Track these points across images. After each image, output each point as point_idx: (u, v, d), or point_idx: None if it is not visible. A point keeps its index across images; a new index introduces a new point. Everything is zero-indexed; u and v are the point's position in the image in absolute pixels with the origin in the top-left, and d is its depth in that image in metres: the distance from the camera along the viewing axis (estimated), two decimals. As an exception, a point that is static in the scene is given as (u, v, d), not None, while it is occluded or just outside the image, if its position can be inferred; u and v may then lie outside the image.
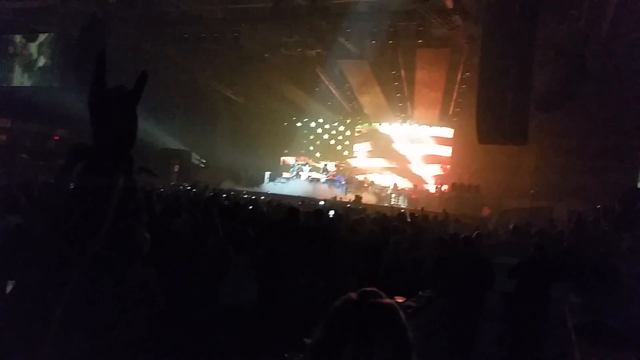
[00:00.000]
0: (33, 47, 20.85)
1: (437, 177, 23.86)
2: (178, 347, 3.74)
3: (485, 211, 17.72)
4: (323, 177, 24.57)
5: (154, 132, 21.47)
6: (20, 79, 20.90)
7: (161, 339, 3.58)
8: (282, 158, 27.50)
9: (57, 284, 1.00)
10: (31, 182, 9.97)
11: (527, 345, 5.91)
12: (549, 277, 6.15)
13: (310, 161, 26.28)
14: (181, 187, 17.38)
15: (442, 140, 24.29)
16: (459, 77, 19.62)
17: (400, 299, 4.78)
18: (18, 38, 20.96)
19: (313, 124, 27.46)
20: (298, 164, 25.61)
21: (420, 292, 5.55)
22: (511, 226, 9.62)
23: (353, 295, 1.21)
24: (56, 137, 21.18)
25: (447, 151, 24.16)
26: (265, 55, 20.20)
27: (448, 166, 23.95)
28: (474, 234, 6.93)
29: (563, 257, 7.09)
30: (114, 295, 2.80)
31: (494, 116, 13.82)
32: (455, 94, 21.08)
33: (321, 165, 25.65)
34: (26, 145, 19.37)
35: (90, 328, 2.29)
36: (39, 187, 8.84)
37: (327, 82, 22.19)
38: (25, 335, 0.96)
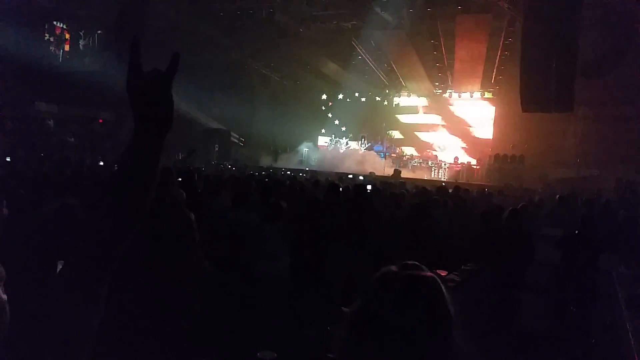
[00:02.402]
0: (75, 33, 21.42)
1: (479, 148, 23.31)
2: (222, 312, 3.86)
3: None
4: (362, 149, 24.44)
5: (194, 112, 21.84)
6: (64, 64, 21.56)
7: (207, 305, 3.70)
8: (320, 132, 27.52)
9: (104, 262, 1.04)
10: (80, 164, 10.35)
11: (574, 317, 5.79)
12: (597, 248, 5.97)
13: (349, 135, 26.18)
14: (221, 166, 17.69)
15: (484, 110, 23.67)
16: (500, 43, 18.92)
17: (442, 273, 4.76)
18: (60, 24, 21.54)
19: (350, 98, 27.23)
20: (336, 137, 25.54)
21: (463, 266, 5.50)
22: (557, 197, 9.32)
23: (394, 267, 1.21)
24: (100, 120, 21.85)
25: (489, 121, 23.53)
26: (300, 29, 20.01)
27: (490, 137, 23.36)
28: (519, 206, 6.76)
29: (611, 227, 6.86)
30: (159, 273, 2.89)
31: (538, 84, 13.35)
32: (497, 62, 20.38)
33: (359, 137, 25.51)
34: (72, 128, 20.05)
35: (137, 303, 2.38)
36: (87, 168, 9.18)
37: (363, 55, 21.83)
38: (74, 310, 1.00)
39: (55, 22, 21.42)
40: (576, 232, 6.33)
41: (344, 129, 26.75)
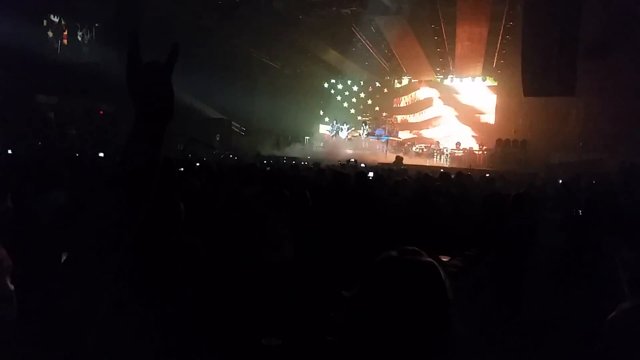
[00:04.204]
0: (73, 25, 21.32)
1: (481, 133, 23.25)
2: (224, 299, 3.88)
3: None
4: (363, 135, 24.38)
5: (194, 102, 21.78)
6: (63, 56, 21.49)
7: (209, 294, 3.73)
8: (320, 119, 27.47)
9: (108, 252, 1.05)
10: (81, 156, 10.37)
11: (577, 301, 5.81)
12: (600, 232, 5.97)
13: (350, 122, 26.12)
14: (222, 156, 17.69)
15: (485, 95, 23.56)
16: (502, 27, 18.77)
17: (445, 258, 4.78)
18: (59, 16, 21.43)
19: (351, 85, 27.14)
20: (337, 124, 25.50)
21: (466, 252, 5.51)
22: (560, 181, 9.31)
23: (393, 252, 1.22)
24: (101, 112, 21.82)
25: (491, 106, 23.44)
26: (300, 17, 19.89)
27: (493, 122, 23.28)
28: (522, 191, 6.76)
29: (614, 210, 6.85)
30: (158, 265, 2.91)
31: (540, 67, 13.28)
32: (498, 46, 20.25)
33: (361, 123, 25.46)
34: (73, 120, 20.04)
35: (138, 298, 2.40)
36: (88, 161, 9.19)
37: (363, 41, 21.70)
38: (78, 305, 1.01)
39: (53, 14, 21.32)
40: (579, 212, 6.33)
41: (345, 116, 26.69)
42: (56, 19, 21.30)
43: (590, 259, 5.89)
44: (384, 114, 25.72)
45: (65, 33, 21.54)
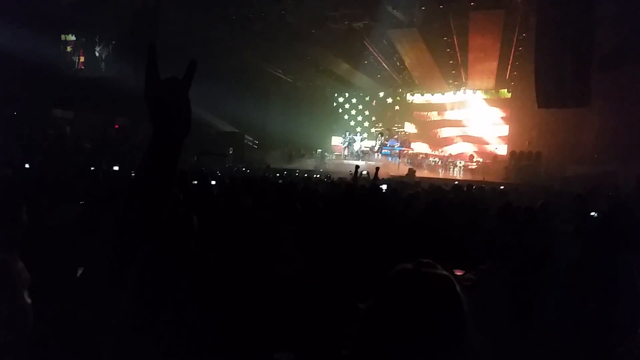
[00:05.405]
0: (90, 39, 21.72)
1: (494, 146, 23.11)
2: (236, 313, 3.88)
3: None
4: (377, 146, 24.34)
5: (208, 116, 21.99)
6: (80, 71, 21.88)
7: (223, 306, 3.73)
8: (333, 132, 27.52)
9: (123, 266, 1.06)
10: (95, 170, 10.49)
11: (594, 315, 5.70)
12: (617, 245, 5.87)
13: (363, 134, 26.13)
14: (235, 169, 17.79)
15: (499, 107, 23.45)
16: (515, 39, 18.71)
17: (459, 272, 4.73)
18: (75, 31, 21.86)
19: (363, 97, 27.21)
20: (350, 135, 25.51)
21: (480, 265, 5.45)
22: (576, 194, 9.19)
23: (409, 265, 1.22)
24: (116, 126, 22.11)
25: (504, 118, 23.31)
26: (312, 31, 20.04)
27: (506, 134, 23.14)
28: (539, 204, 6.69)
29: (631, 223, 6.74)
30: (168, 278, 2.92)
31: (554, 79, 13.20)
32: (511, 58, 20.17)
33: (375, 135, 25.44)
34: (89, 134, 20.33)
35: (151, 311, 2.41)
36: (103, 174, 9.30)
37: (375, 54, 21.78)
38: (91, 317, 1.02)
39: (71, 30, 21.75)
40: (595, 225, 6.24)
41: (358, 128, 26.74)
42: (73, 38, 21.72)
43: (607, 273, 5.79)
44: (397, 125, 25.72)
45: (83, 48, 21.95)
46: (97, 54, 21.97)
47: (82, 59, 21.97)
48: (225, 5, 18.36)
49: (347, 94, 27.31)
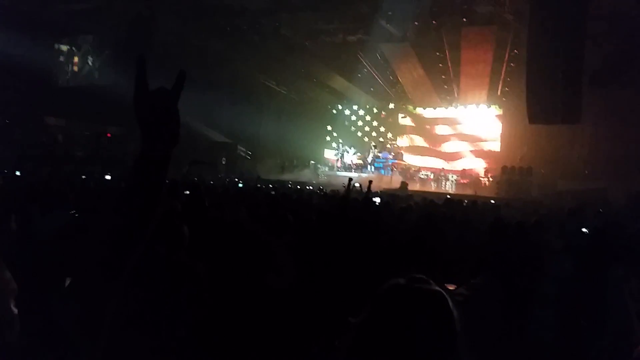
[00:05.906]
0: (84, 48, 21.71)
1: (486, 160, 23.25)
2: (226, 324, 3.84)
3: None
4: (370, 158, 24.39)
5: (201, 126, 21.98)
6: (73, 79, 21.82)
7: (210, 319, 3.68)
8: (327, 144, 27.60)
9: (111, 275, 1.05)
10: (87, 178, 10.41)
11: (584, 331, 5.70)
12: (607, 261, 5.89)
13: (356, 147, 26.22)
14: (227, 180, 17.75)
15: (490, 122, 23.64)
16: (506, 55, 18.92)
17: (451, 287, 4.72)
18: (69, 40, 21.84)
19: (356, 111, 27.34)
20: (343, 148, 25.57)
21: (472, 280, 5.44)
22: (567, 209, 9.25)
23: (402, 280, 1.21)
24: (109, 135, 22.03)
25: (496, 133, 23.50)
26: (306, 43, 20.16)
27: (498, 149, 23.31)
28: (533, 220, 6.72)
29: (621, 239, 6.77)
30: (160, 288, 2.89)
31: (545, 95, 13.32)
32: (503, 74, 20.39)
33: (368, 147, 25.54)
34: (81, 142, 20.24)
35: (140, 321, 2.38)
36: (94, 183, 9.23)
37: (369, 68, 21.94)
38: (83, 324, 1.00)
39: (65, 38, 21.72)
40: (586, 240, 6.27)
41: (351, 139, 26.85)
42: (66, 47, 21.70)
43: (598, 289, 5.80)
44: (389, 137, 25.88)
45: (76, 56, 21.92)
46: (90, 63, 21.94)
47: (75, 67, 21.92)
48: (220, 17, 18.43)
49: (340, 106, 27.44)
